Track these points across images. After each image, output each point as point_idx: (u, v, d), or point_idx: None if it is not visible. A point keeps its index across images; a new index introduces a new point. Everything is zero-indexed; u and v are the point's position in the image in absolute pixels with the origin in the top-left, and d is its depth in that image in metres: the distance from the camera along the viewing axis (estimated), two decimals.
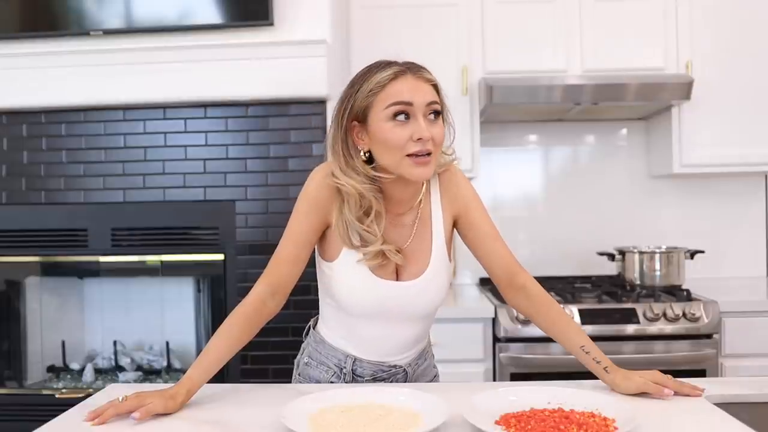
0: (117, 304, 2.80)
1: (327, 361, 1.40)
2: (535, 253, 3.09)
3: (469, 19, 2.75)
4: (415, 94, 1.21)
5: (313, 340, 1.44)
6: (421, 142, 1.20)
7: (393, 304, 1.31)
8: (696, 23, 2.72)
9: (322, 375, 1.39)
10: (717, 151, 2.73)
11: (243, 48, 2.41)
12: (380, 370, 1.37)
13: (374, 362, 1.37)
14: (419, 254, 1.32)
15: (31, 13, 2.48)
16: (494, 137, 3.05)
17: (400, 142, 1.20)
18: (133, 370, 2.66)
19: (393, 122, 1.21)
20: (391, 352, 1.37)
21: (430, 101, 1.23)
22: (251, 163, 2.47)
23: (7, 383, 2.61)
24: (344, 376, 1.37)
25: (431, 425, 1.05)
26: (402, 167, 1.21)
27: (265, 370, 2.44)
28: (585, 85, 2.60)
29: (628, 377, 1.23)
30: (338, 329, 1.39)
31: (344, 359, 1.37)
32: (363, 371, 1.37)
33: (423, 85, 1.24)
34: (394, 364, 1.38)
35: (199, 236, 2.50)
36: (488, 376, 2.38)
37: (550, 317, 1.35)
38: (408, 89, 1.22)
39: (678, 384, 1.22)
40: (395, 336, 1.35)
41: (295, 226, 1.30)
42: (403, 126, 1.21)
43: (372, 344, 1.36)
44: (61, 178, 2.53)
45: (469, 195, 1.37)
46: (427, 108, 1.23)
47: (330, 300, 1.38)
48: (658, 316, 2.36)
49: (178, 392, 1.19)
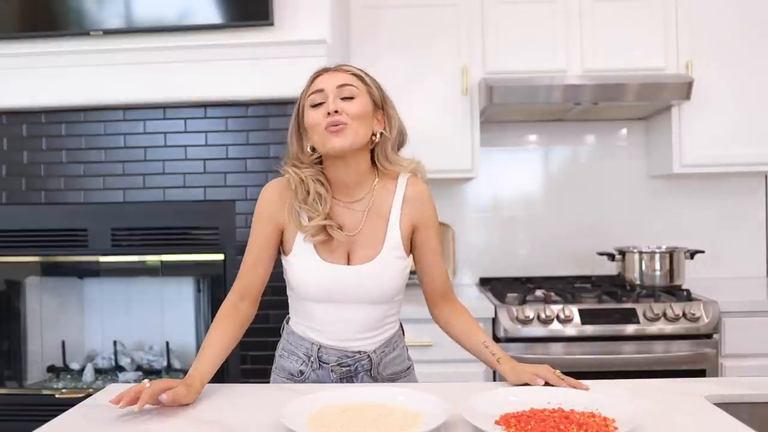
0: (117, 304, 2.80)
1: (296, 351, 1.48)
2: (535, 253, 3.10)
3: (469, 19, 2.75)
4: (327, 82, 1.38)
5: (285, 332, 1.54)
6: (330, 116, 1.34)
7: (343, 285, 1.40)
8: (696, 23, 2.72)
9: (292, 365, 1.48)
10: (717, 151, 2.73)
11: (243, 48, 2.41)
12: (345, 356, 1.44)
13: (338, 348, 1.44)
14: (371, 241, 1.42)
15: (31, 13, 2.48)
16: (494, 137, 3.05)
17: (317, 120, 1.36)
18: (133, 370, 2.66)
19: (312, 108, 1.38)
20: (351, 336, 1.43)
21: (341, 84, 1.37)
22: (251, 163, 2.47)
23: (7, 383, 2.61)
24: (311, 363, 1.45)
25: (431, 425, 1.05)
26: (322, 142, 1.36)
27: (265, 370, 2.41)
28: (585, 85, 2.60)
29: (515, 369, 1.31)
30: (302, 319, 1.48)
31: (310, 347, 1.45)
32: (328, 357, 1.44)
33: (338, 74, 1.40)
34: (357, 350, 1.44)
35: (199, 236, 2.50)
36: (488, 376, 2.38)
37: (466, 322, 1.49)
38: (322, 80, 1.39)
39: (558, 379, 1.26)
40: (352, 320, 1.43)
41: (252, 236, 1.46)
42: (318, 108, 1.37)
43: (332, 329, 1.43)
44: (61, 178, 2.53)
45: (432, 215, 1.49)
46: (338, 90, 1.37)
47: (291, 291, 1.49)
48: (658, 316, 2.36)
49: (193, 383, 1.26)
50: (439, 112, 2.72)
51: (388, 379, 1.48)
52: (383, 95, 1.44)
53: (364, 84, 1.40)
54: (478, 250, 3.09)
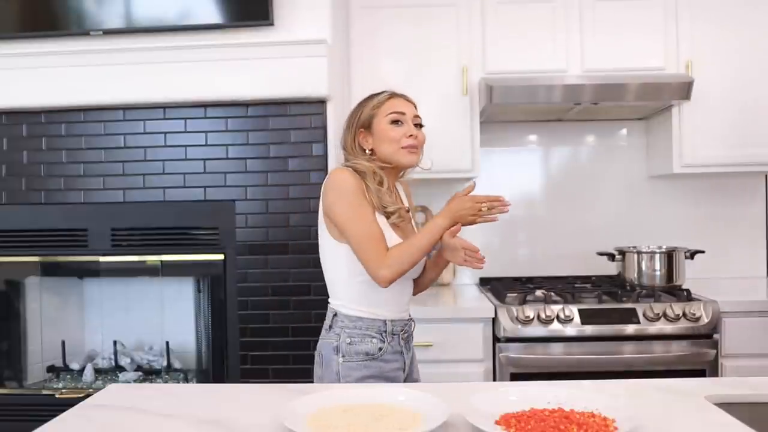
0: (117, 304, 2.80)
1: (369, 332, 1.67)
2: (535, 253, 3.10)
3: (469, 19, 2.75)
4: (406, 108, 1.74)
5: (348, 321, 1.68)
6: (412, 138, 1.71)
7: None
8: (696, 23, 2.72)
9: (369, 346, 1.66)
10: (717, 151, 2.73)
11: (243, 48, 2.41)
12: (404, 323, 1.73)
13: (400, 318, 1.72)
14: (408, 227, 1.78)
15: (31, 13, 2.48)
16: (494, 137, 3.05)
17: (397, 137, 1.70)
18: (133, 370, 2.66)
19: (392, 125, 1.71)
20: (404, 307, 1.74)
21: (415, 114, 1.75)
22: (251, 163, 2.47)
23: (7, 383, 2.61)
24: (386, 338, 1.68)
25: (431, 425, 1.05)
26: (398, 155, 1.70)
27: (265, 370, 2.44)
28: (585, 85, 2.60)
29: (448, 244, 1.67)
30: (370, 301, 1.67)
31: (383, 324, 1.68)
32: (396, 329, 1.70)
33: (409, 103, 1.77)
34: (409, 317, 1.76)
35: (199, 236, 2.50)
36: (488, 376, 2.38)
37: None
38: (400, 104, 1.74)
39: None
40: (406, 292, 1.75)
41: (365, 210, 1.63)
42: (399, 127, 1.71)
43: (394, 300, 1.70)
44: (61, 178, 2.53)
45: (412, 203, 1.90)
46: (414, 118, 1.74)
47: (361, 276, 1.65)
48: (658, 316, 2.36)
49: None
50: (439, 112, 2.72)
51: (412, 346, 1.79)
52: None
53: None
54: None
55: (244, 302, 2.45)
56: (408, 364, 1.73)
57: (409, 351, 1.74)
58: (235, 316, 2.45)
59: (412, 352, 1.76)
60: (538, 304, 2.42)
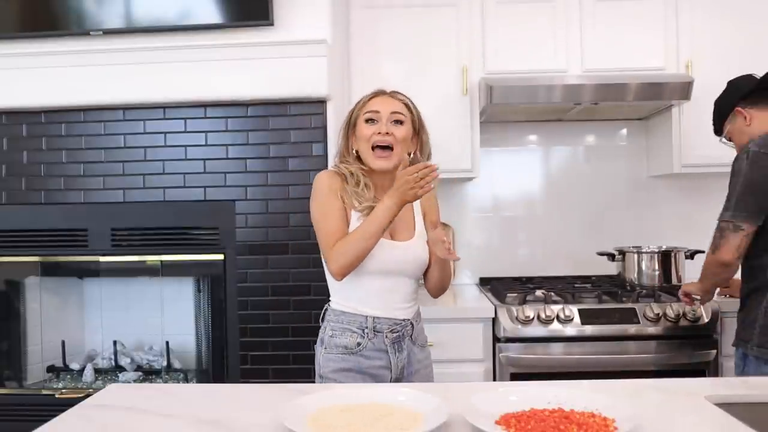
0: (117, 304, 2.80)
1: (350, 327, 1.68)
2: (535, 253, 3.09)
3: (469, 19, 2.75)
4: (382, 106, 1.71)
5: (333, 314, 1.72)
6: (381, 135, 1.68)
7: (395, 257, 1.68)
8: (696, 23, 2.72)
9: (347, 340, 1.67)
10: (717, 151, 2.72)
11: (243, 48, 2.41)
12: (394, 323, 1.69)
13: (389, 317, 1.68)
14: (406, 226, 1.75)
15: (31, 13, 2.48)
16: (494, 137, 3.05)
17: (368, 135, 1.70)
18: (133, 370, 2.66)
19: (366, 124, 1.72)
20: (397, 306, 1.70)
21: (393, 110, 1.71)
22: (251, 163, 2.47)
23: (7, 383, 2.61)
24: (367, 334, 1.67)
25: (431, 425, 1.05)
26: (369, 158, 1.71)
27: (265, 370, 2.44)
28: (585, 85, 2.60)
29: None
30: (355, 296, 1.68)
31: (364, 320, 1.67)
32: (381, 326, 1.67)
33: (392, 100, 1.73)
34: (402, 318, 1.70)
35: (199, 236, 2.50)
36: (488, 376, 2.38)
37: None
38: (378, 102, 1.73)
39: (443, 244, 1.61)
40: (397, 291, 1.70)
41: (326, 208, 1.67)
42: (371, 125, 1.71)
43: (383, 299, 1.68)
44: (61, 178, 2.53)
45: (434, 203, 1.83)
46: (391, 115, 1.70)
47: None
48: (658, 316, 2.36)
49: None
50: (439, 112, 2.71)
51: (419, 346, 1.76)
52: (421, 123, 1.76)
53: (410, 112, 1.73)
54: (478, 250, 3.09)
55: (244, 302, 2.45)
56: (398, 364, 1.69)
57: (400, 352, 1.69)
58: (235, 316, 2.45)
59: (406, 354, 1.70)
60: (538, 304, 2.42)
